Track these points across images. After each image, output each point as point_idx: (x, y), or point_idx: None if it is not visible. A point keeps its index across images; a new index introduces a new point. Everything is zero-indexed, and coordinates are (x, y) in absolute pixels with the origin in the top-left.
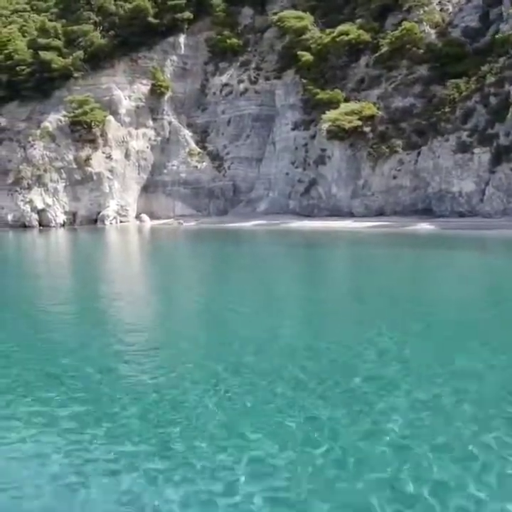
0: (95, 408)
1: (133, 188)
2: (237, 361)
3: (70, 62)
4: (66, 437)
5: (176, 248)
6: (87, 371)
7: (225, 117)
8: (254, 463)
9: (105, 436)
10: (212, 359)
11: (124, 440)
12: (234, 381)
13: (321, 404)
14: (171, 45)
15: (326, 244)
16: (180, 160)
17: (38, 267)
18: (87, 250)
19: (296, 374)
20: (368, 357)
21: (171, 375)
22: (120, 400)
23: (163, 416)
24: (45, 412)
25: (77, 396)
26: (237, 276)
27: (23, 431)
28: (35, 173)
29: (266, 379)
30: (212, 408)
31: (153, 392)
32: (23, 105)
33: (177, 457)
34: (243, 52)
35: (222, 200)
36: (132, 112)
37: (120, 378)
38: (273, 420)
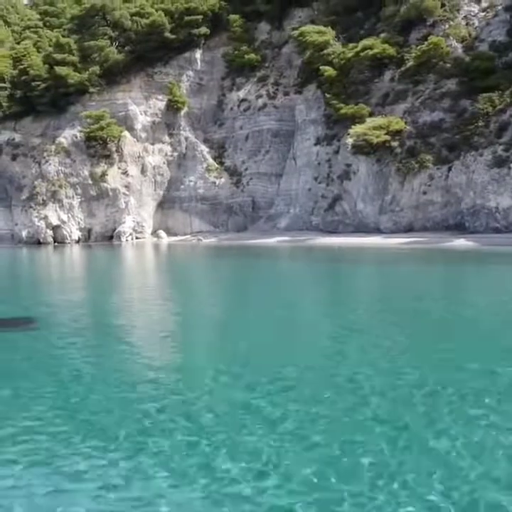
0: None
1: (149, 204)
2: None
3: (85, 77)
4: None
5: (203, 266)
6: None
7: (242, 133)
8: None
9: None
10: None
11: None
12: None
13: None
14: (187, 60)
15: (364, 260)
16: (198, 176)
17: (65, 285)
18: (112, 268)
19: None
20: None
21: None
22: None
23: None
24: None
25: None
26: (274, 295)
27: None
28: (50, 189)
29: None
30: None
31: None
32: (37, 121)
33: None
34: (260, 68)
35: (241, 216)
36: (148, 127)
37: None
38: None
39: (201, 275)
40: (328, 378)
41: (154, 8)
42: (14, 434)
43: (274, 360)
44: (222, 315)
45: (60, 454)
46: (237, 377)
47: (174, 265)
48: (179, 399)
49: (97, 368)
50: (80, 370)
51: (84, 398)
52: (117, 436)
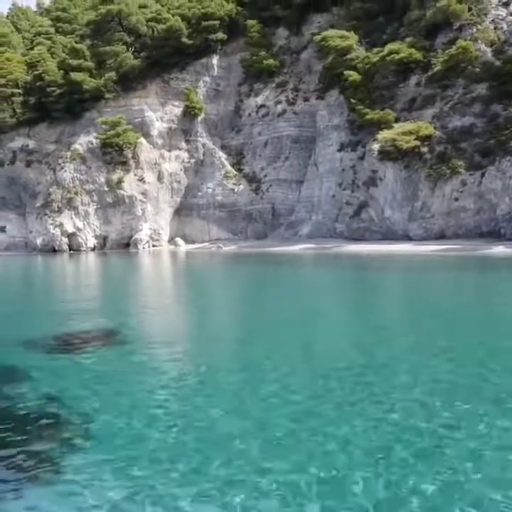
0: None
1: (166, 211)
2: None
3: (101, 83)
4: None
5: (230, 275)
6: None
7: (261, 139)
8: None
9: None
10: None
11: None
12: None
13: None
14: (203, 66)
15: (400, 268)
16: (216, 182)
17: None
18: (142, 277)
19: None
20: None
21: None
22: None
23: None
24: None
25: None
26: (311, 303)
27: None
28: (65, 196)
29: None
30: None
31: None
32: (52, 127)
33: None
34: (279, 73)
35: (261, 223)
36: (164, 133)
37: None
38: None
39: (237, 284)
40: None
41: (170, 13)
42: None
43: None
44: (279, 325)
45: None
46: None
47: (204, 274)
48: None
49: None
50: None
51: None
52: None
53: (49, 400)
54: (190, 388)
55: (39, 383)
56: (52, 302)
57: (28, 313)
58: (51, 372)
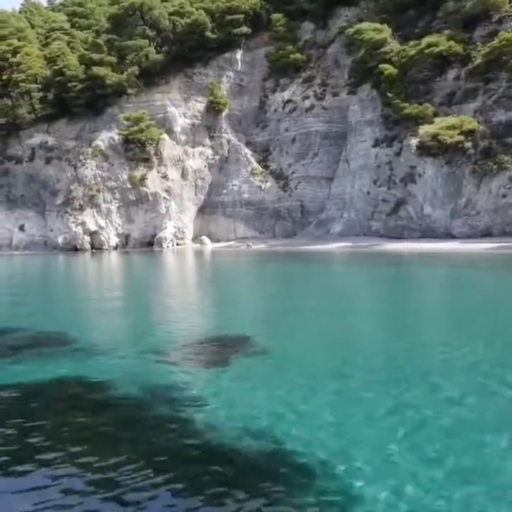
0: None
1: (190, 209)
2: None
3: (124, 78)
4: None
5: (271, 273)
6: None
7: (288, 135)
8: None
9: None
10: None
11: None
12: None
13: None
14: (227, 61)
15: (461, 265)
16: (242, 180)
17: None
18: (180, 278)
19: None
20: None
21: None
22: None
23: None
24: None
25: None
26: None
27: None
28: (87, 194)
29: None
30: None
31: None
32: (72, 123)
33: None
34: (305, 68)
35: (290, 221)
36: (188, 129)
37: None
38: None
39: (281, 285)
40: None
41: (194, 7)
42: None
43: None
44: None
45: None
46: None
47: (241, 273)
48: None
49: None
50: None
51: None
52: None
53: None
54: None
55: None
56: (151, 305)
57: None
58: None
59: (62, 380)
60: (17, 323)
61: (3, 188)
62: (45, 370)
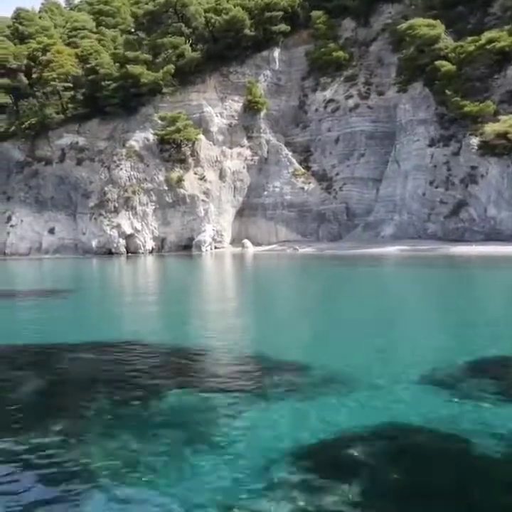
0: None
1: (228, 211)
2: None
3: (160, 76)
4: None
5: (335, 280)
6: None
7: (331, 135)
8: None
9: None
10: None
11: None
12: None
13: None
14: (264, 59)
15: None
16: (284, 181)
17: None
18: (241, 285)
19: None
20: None
21: None
22: None
23: None
24: None
25: None
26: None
27: None
28: (122, 196)
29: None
30: None
31: None
32: (104, 123)
33: None
34: (347, 67)
35: (335, 224)
36: (225, 130)
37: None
38: None
39: (353, 294)
40: None
41: (231, 4)
42: None
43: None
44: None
45: None
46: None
47: (301, 280)
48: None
49: None
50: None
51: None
52: None
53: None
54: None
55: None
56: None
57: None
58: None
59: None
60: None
61: (32, 189)
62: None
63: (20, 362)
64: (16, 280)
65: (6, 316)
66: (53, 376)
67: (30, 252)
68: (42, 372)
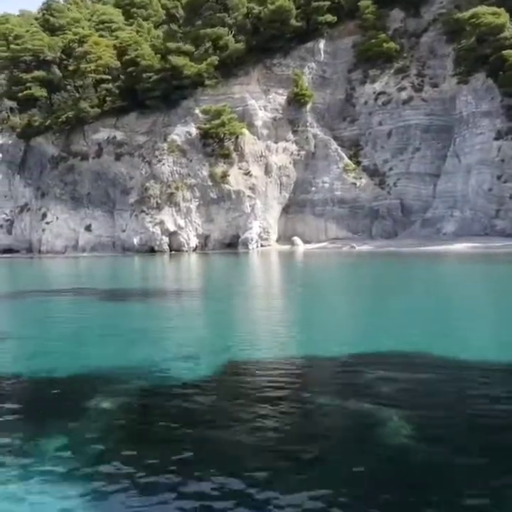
0: None
1: (274, 208)
2: None
3: (204, 68)
4: None
5: (413, 280)
6: None
7: (383, 129)
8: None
9: None
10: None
11: None
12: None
13: None
14: (309, 51)
15: None
16: (334, 176)
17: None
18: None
19: None
20: None
21: None
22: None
23: None
24: None
25: None
26: None
27: None
28: (165, 192)
29: None
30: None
31: None
32: (142, 117)
33: None
34: (397, 58)
35: (390, 220)
36: (269, 123)
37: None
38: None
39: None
40: None
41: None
42: None
43: None
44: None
45: None
46: None
47: (381, 280)
48: None
49: None
50: None
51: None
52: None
53: None
54: None
55: None
56: None
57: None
58: None
59: None
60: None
61: (68, 186)
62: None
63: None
64: (123, 277)
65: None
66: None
67: (66, 250)
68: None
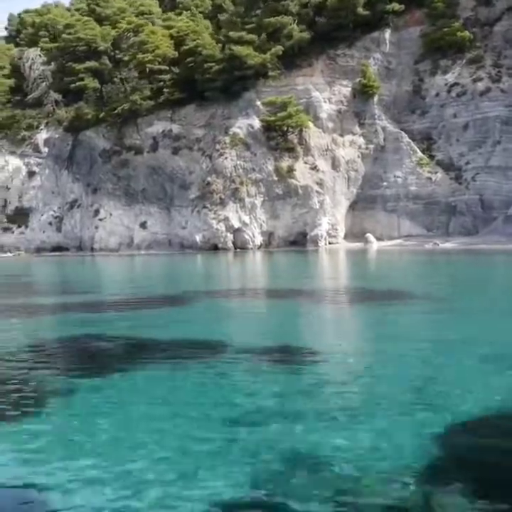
0: None
1: (342, 203)
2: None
3: (268, 58)
4: None
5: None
6: None
7: (458, 121)
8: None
9: None
10: None
11: None
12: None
13: None
14: (373, 41)
15: None
16: (407, 171)
17: None
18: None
19: None
20: None
21: None
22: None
23: None
24: None
25: None
26: None
27: None
28: (229, 187)
29: None
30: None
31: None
32: (200, 109)
33: None
34: (470, 48)
35: (469, 217)
36: (334, 116)
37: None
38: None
39: None
40: None
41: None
42: None
43: None
44: None
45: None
46: None
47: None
48: None
49: None
50: None
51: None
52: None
53: None
54: None
55: None
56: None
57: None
58: None
59: None
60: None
61: (121, 181)
62: None
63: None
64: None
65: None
66: None
67: (120, 248)
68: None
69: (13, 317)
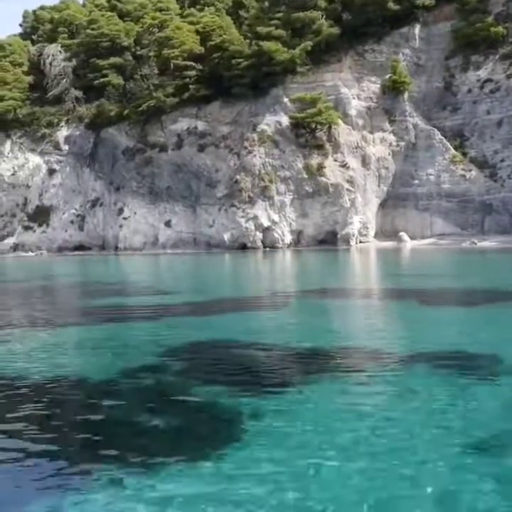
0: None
1: (372, 202)
2: None
3: (297, 54)
4: None
5: None
6: None
7: (491, 118)
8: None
9: None
10: None
11: None
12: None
13: None
14: (402, 36)
15: None
16: (440, 168)
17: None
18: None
19: None
20: None
21: None
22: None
23: None
24: None
25: None
26: None
27: None
28: (257, 185)
29: None
30: None
31: None
32: (226, 106)
33: None
34: (503, 43)
35: (506, 215)
36: (364, 113)
37: None
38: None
39: None
40: None
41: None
42: None
43: None
44: None
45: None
46: None
47: None
48: None
49: None
50: None
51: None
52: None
53: None
54: None
55: None
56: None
57: None
58: None
59: None
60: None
61: (145, 179)
62: None
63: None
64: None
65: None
66: None
67: (144, 247)
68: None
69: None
